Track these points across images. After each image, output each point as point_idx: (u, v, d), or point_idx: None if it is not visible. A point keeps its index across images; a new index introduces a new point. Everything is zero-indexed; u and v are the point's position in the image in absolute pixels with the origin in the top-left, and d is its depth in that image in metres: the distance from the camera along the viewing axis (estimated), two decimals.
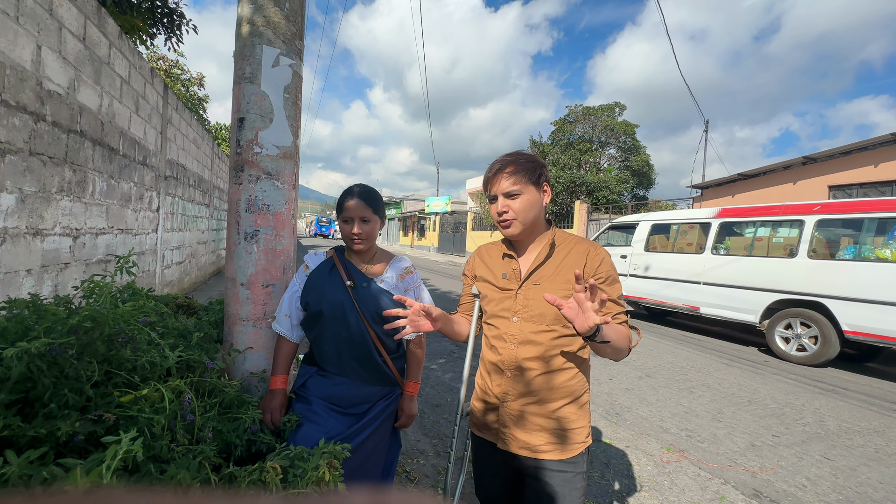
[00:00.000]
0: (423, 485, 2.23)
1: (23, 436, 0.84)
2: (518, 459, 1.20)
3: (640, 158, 16.39)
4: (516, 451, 1.20)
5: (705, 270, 6.22)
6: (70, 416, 0.91)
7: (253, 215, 1.52)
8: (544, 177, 1.20)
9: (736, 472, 2.45)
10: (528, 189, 1.17)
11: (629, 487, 2.26)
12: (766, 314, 5.51)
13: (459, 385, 3.65)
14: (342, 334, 1.38)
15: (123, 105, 3.80)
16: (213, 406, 1.24)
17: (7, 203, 2.28)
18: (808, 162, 9.76)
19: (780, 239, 5.68)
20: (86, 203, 3.15)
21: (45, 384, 0.89)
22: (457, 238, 25.61)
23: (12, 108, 2.27)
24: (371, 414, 1.42)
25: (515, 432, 1.20)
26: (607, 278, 1.16)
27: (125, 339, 1.09)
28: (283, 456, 1.11)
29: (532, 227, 1.21)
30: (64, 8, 2.73)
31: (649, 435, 2.89)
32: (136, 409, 0.98)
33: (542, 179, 1.19)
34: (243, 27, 1.53)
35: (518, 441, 1.19)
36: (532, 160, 1.20)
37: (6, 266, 2.31)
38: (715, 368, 4.65)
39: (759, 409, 3.48)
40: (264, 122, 1.52)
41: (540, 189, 1.19)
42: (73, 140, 2.91)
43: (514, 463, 1.22)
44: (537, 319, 1.17)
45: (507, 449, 1.22)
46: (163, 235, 5.25)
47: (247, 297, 1.53)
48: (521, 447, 1.19)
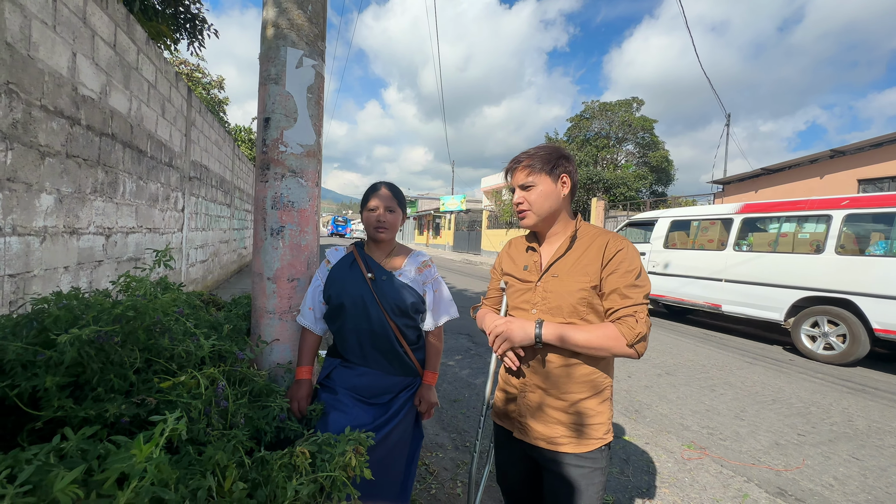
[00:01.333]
0: (443, 478, 2.27)
1: (74, 416, 0.90)
2: (537, 450, 1.21)
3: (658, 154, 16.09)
4: (533, 441, 1.21)
5: (727, 267, 6.09)
6: (115, 399, 0.97)
7: (278, 212, 1.57)
8: (562, 168, 1.19)
9: (759, 471, 2.41)
10: (543, 180, 1.19)
11: (649, 483, 2.25)
12: (791, 312, 5.36)
13: (476, 381, 3.68)
14: (364, 326, 1.42)
15: (151, 108, 3.94)
16: (244, 394, 1.29)
17: (47, 203, 2.40)
18: (836, 155, 9.43)
19: (806, 235, 5.51)
20: (117, 203, 3.29)
21: (94, 369, 0.95)
22: (472, 236, 25.59)
23: (51, 113, 2.39)
24: (395, 405, 1.46)
25: (533, 423, 1.21)
26: (616, 269, 1.11)
27: (162, 329, 1.15)
28: (312, 442, 1.16)
29: (549, 219, 1.22)
30: (96, 16, 2.85)
31: (669, 432, 2.86)
32: (175, 395, 1.03)
33: (558, 171, 1.19)
34: (268, 30, 1.58)
35: (535, 432, 1.20)
36: (550, 152, 1.20)
37: (46, 263, 2.43)
38: (737, 367, 4.56)
39: (784, 407, 3.40)
40: (289, 122, 1.58)
41: (557, 180, 1.19)
42: (105, 143, 3.04)
43: (534, 453, 1.23)
44: (555, 312, 1.17)
45: (524, 439, 1.24)
46: (187, 235, 5.41)
47: (273, 290, 1.58)
48: (538, 438, 1.20)
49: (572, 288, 1.15)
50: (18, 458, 0.67)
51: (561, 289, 1.16)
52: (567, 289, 1.15)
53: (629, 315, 1.07)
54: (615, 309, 1.10)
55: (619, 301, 1.09)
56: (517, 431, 1.26)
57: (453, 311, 1.58)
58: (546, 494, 1.22)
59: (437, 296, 1.54)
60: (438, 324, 1.55)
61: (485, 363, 4.25)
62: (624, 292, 1.09)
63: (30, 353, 0.88)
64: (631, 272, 1.11)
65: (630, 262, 1.12)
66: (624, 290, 1.09)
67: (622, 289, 1.09)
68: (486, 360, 4.38)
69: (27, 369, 0.87)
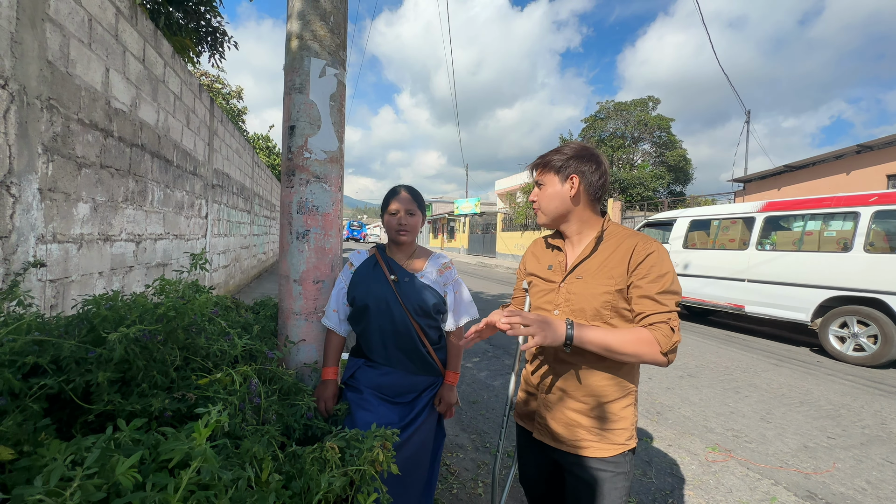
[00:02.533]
0: (464, 478, 2.29)
1: (122, 410, 0.96)
2: (558, 452, 1.21)
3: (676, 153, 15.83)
4: (552, 443, 1.21)
5: (750, 267, 5.96)
6: (158, 395, 1.03)
7: (304, 216, 1.63)
8: (572, 168, 1.17)
9: (787, 473, 2.35)
10: (550, 180, 1.20)
11: (672, 486, 2.23)
12: (818, 312, 5.21)
13: (495, 382, 3.69)
14: (387, 326, 1.46)
15: (176, 119, 4.09)
16: (274, 392, 1.35)
17: (83, 212, 2.52)
18: (862, 150, 9.13)
19: (832, 233, 5.36)
20: (146, 211, 3.42)
21: (139, 366, 1.01)
22: (487, 239, 25.56)
23: (87, 126, 2.51)
24: (420, 404, 1.49)
25: (552, 424, 1.20)
26: (647, 274, 1.08)
27: (198, 329, 1.21)
28: (340, 437, 1.20)
29: (558, 219, 1.22)
30: (127, 33, 2.99)
31: (693, 434, 2.82)
32: (213, 391, 1.09)
33: (567, 171, 1.17)
34: (292, 42, 1.65)
35: (554, 433, 1.20)
36: (565, 153, 1.19)
37: (83, 269, 2.55)
38: (762, 368, 4.45)
39: (813, 410, 3.31)
40: (313, 129, 1.63)
41: (565, 181, 1.18)
42: (135, 153, 3.17)
43: (555, 455, 1.23)
44: (578, 314, 1.16)
45: (544, 440, 1.23)
46: (211, 241, 5.57)
47: (299, 292, 1.64)
48: (558, 440, 1.19)
49: (597, 291, 1.13)
50: (80, 446, 0.72)
51: (585, 291, 1.15)
52: (591, 291, 1.14)
53: (663, 322, 1.04)
54: (647, 314, 1.07)
55: (653, 306, 1.06)
56: (537, 432, 1.26)
57: (473, 312, 1.60)
58: (568, 498, 1.21)
59: (457, 297, 1.57)
60: (459, 324, 1.57)
61: (503, 365, 4.26)
62: (657, 298, 1.06)
63: (82, 350, 0.94)
64: (664, 276, 1.08)
65: (661, 265, 1.09)
66: (657, 295, 1.06)
67: (655, 294, 1.06)
68: (504, 362, 4.38)
69: (80, 365, 0.93)
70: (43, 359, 0.87)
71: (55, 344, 0.92)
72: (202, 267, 1.28)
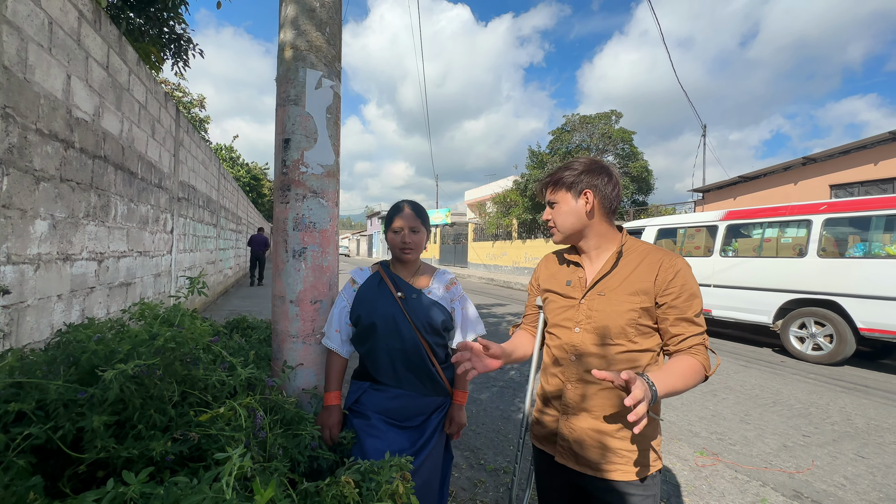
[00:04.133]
0: (461, 498, 2.22)
1: (118, 457, 0.86)
2: (584, 477, 1.16)
3: (638, 164, 16.53)
4: (576, 466, 1.16)
5: (714, 273, 6.25)
6: (156, 436, 0.92)
7: (300, 233, 1.55)
8: (584, 184, 1.15)
9: (773, 474, 2.44)
10: (563, 198, 1.17)
11: (668, 493, 2.25)
12: (779, 314, 5.52)
13: (482, 396, 3.64)
14: (396, 346, 1.40)
15: (141, 129, 3.86)
16: (276, 423, 1.25)
17: (41, 230, 2.30)
18: (808, 162, 9.88)
19: (788, 239, 5.72)
20: (109, 227, 3.18)
21: (135, 405, 0.90)
22: (458, 249, 25.65)
23: (46, 137, 2.32)
24: (430, 428, 1.43)
25: (577, 448, 1.15)
26: (681, 294, 1.07)
27: (193, 360, 1.11)
28: (354, 470, 1.12)
29: (575, 236, 1.20)
30: (90, 38, 2.80)
31: (680, 440, 2.88)
32: (216, 429, 0.99)
33: (580, 187, 1.15)
34: (286, 52, 1.58)
35: (579, 456, 1.15)
36: (575, 169, 1.17)
37: (40, 292, 2.32)
38: (734, 370, 4.65)
39: (785, 409, 3.47)
40: (309, 143, 1.56)
41: (578, 197, 1.15)
42: (97, 165, 2.96)
43: (580, 480, 1.17)
44: (601, 332, 1.12)
45: (568, 464, 1.18)
46: (176, 257, 5.27)
47: (296, 314, 1.55)
48: (584, 465, 1.14)
49: (621, 308, 1.10)
50: None
51: (608, 308, 1.12)
52: (616, 309, 1.11)
53: (700, 344, 1.05)
54: (685, 336, 1.06)
55: (690, 328, 1.06)
56: (560, 455, 1.20)
57: (480, 328, 1.57)
58: None
59: (465, 313, 1.53)
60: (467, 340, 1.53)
61: (488, 378, 4.22)
62: (694, 319, 1.06)
63: (71, 391, 0.83)
64: (696, 296, 1.07)
65: (692, 283, 1.08)
66: (694, 317, 1.06)
67: (693, 316, 1.06)
68: (488, 375, 4.35)
69: (69, 409, 0.82)
70: (27, 404, 0.75)
71: (39, 386, 0.81)
72: (200, 291, 1.18)
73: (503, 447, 2.77)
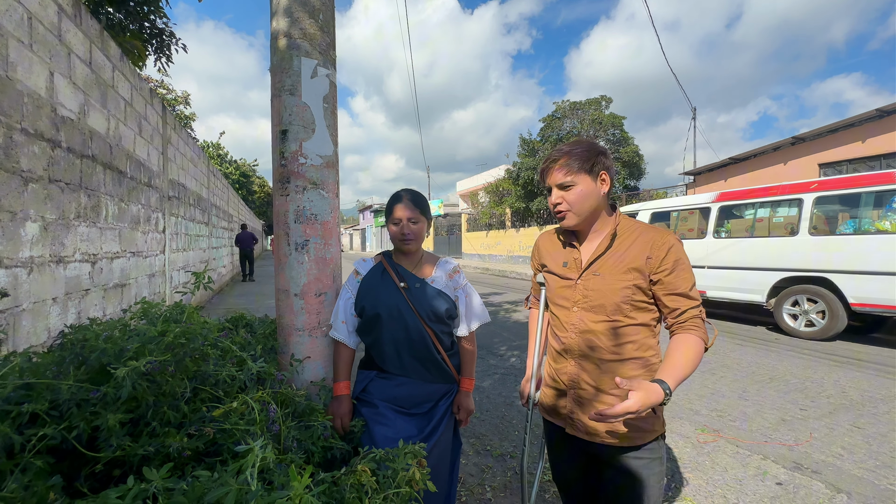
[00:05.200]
0: (470, 484, 2.24)
1: (134, 455, 0.85)
2: (594, 446, 1.21)
3: (629, 149, 16.55)
4: (586, 437, 1.21)
5: (708, 254, 6.32)
6: (170, 432, 0.92)
7: (302, 225, 1.53)
8: (601, 165, 1.16)
9: (773, 447, 2.49)
10: (582, 179, 1.16)
11: (671, 470, 2.29)
12: (772, 293, 5.60)
13: (484, 384, 3.67)
14: (401, 335, 1.40)
15: (128, 127, 3.77)
16: (288, 416, 1.25)
17: (32, 232, 2.26)
18: (796, 142, 9.96)
19: (780, 218, 5.78)
20: (101, 228, 3.13)
21: (148, 403, 0.89)
22: (452, 240, 25.65)
23: (31, 136, 2.26)
24: (437, 414, 1.44)
25: (585, 419, 1.20)
26: (674, 269, 1.10)
27: (202, 355, 1.10)
28: (370, 459, 1.12)
29: (590, 217, 1.20)
30: (71, 33, 2.72)
31: (681, 418, 2.93)
32: (231, 423, 0.98)
33: (597, 168, 1.16)
34: (280, 41, 1.54)
35: (589, 427, 1.19)
36: (588, 149, 1.17)
37: (35, 295, 2.28)
38: (730, 349, 4.72)
39: (782, 385, 3.54)
40: (307, 133, 1.54)
41: (596, 178, 1.16)
42: (86, 165, 2.89)
43: (591, 449, 1.23)
44: (597, 310, 1.17)
45: (578, 435, 1.23)
46: (170, 256, 5.20)
47: (301, 307, 1.53)
48: (592, 433, 1.19)
49: (616, 286, 1.14)
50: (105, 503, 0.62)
51: (604, 287, 1.16)
52: (611, 287, 1.15)
53: (696, 317, 1.08)
54: (682, 310, 1.10)
55: (686, 302, 1.09)
56: (570, 427, 1.25)
57: (485, 316, 1.57)
58: (608, 489, 1.21)
59: (468, 301, 1.53)
60: (472, 329, 1.53)
61: (488, 366, 4.25)
62: (689, 293, 1.09)
63: (83, 391, 0.82)
64: (688, 269, 1.11)
65: (684, 259, 1.11)
66: (689, 290, 1.09)
67: (686, 290, 1.09)
68: (488, 362, 4.38)
69: (82, 409, 0.81)
70: (40, 405, 0.74)
71: (50, 387, 0.79)
72: (206, 286, 1.16)
73: (508, 433, 2.80)
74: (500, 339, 5.30)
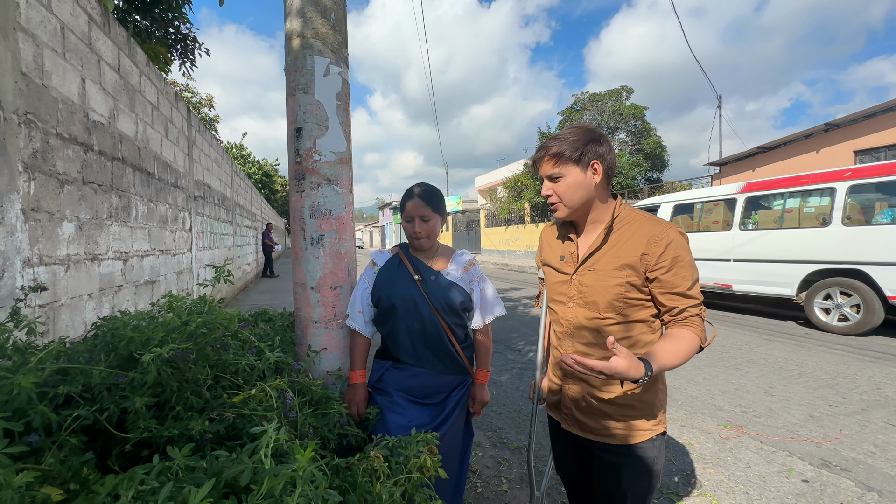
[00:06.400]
0: (487, 476, 2.27)
1: (160, 436, 0.90)
2: (586, 440, 1.20)
3: (651, 141, 16.16)
4: (579, 432, 1.21)
5: (734, 247, 6.13)
6: (193, 416, 0.97)
7: (317, 221, 1.57)
8: (592, 154, 1.08)
9: (799, 444, 2.42)
10: (570, 170, 1.10)
11: (692, 465, 2.26)
12: (802, 286, 5.40)
13: (501, 378, 3.68)
14: (415, 326, 1.43)
15: (155, 130, 3.93)
16: (305, 404, 1.29)
17: (69, 231, 2.39)
18: (830, 128, 9.51)
19: (811, 209, 5.55)
20: (131, 227, 3.27)
21: (172, 388, 0.95)
22: (471, 236, 25.62)
23: (66, 141, 2.38)
24: (449, 405, 1.46)
25: (577, 415, 1.20)
26: (672, 266, 1.03)
27: (223, 345, 1.15)
28: (383, 446, 1.16)
29: (582, 209, 1.15)
30: (101, 41, 2.85)
31: (703, 413, 2.87)
32: (249, 409, 1.03)
33: (587, 157, 1.08)
34: (293, 41, 1.58)
35: (581, 424, 1.20)
36: (578, 137, 1.09)
37: (72, 291, 2.42)
38: (757, 344, 4.58)
39: (811, 380, 3.42)
40: (321, 130, 1.58)
41: (586, 168, 1.09)
42: (116, 167, 3.03)
43: (584, 443, 1.22)
44: (591, 307, 1.13)
45: (570, 429, 1.23)
46: (196, 254, 5.39)
47: (317, 300, 1.58)
48: (585, 430, 1.19)
49: (609, 283, 1.09)
50: (133, 479, 0.66)
51: (597, 283, 1.12)
52: (604, 283, 1.10)
53: (695, 315, 1.04)
54: (680, 309, 1.04)
55: (684, 301, 1.04)
56: (565, 423, 1.26)
57: (500, 309, 1.58)
58: (598, 486, 1.20)
59: (483, 294, 1.55)
60: (486, 321, 1.55)
61: (506, 360, 4.26)
62: (688, 293, 1.04)
63: (113, 376, 0.88)
64: (688, 266, 1.04)
65: (685, 254, 1.05)
66: (688, 290, 1.04)
67: (685, 290, 1.03)
68: (506, 357, 4.38)
69: (112, 392, 0.87)
70: (74, 388, 0.80)
71: (84, 371, 0.85)
72: (227, 280, 1.22)
73: (525, 426, 2.80)
74: (518, 334, 5.29)
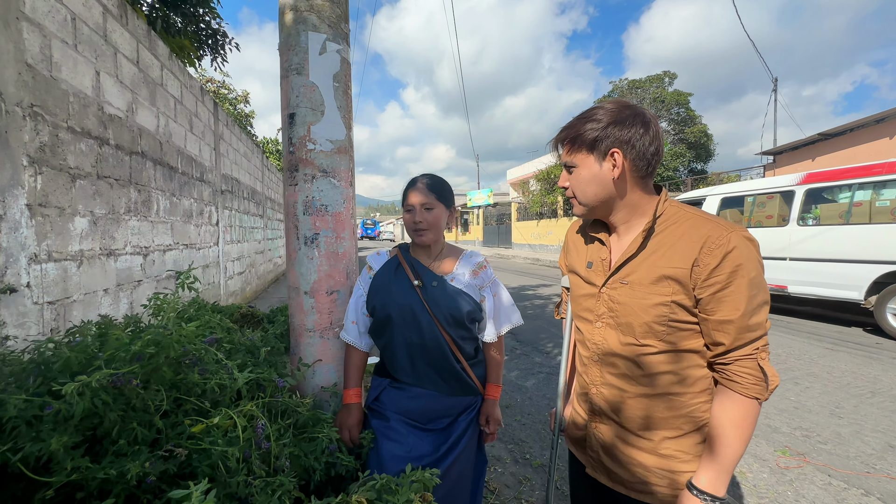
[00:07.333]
0: (506, 496, 2.06)
1: (92, 478, 0.76)
2: (616, 493, 0.98)
3: (696, 129, 15.14)
4: (608, 483, 0.98)
5: (791, 244, 5.55)
6: (141, 451, 0.82)
7: (311, 217, 1.40)
8: (611, 140, 0.86)
9: (878, 481, 2.06)
10: (584, 161, 0.90)
11: (743, 500, 1.96)
12: (872, 289, 4.80)
13: (527, 383, 3.45)
14: (414, 340, 1.24)
15: (178, 124, 3.92)
16: (287, 428, 1.13)
17: (81, 226, 2.35)
18: None
19: (885, 202, 4.91)
20: (152, 221, 3.26)
21: (112, 419, 0.80)
22: (502, 230, 25.21)
23: (78, 134, 2.34)
24: (457, 431, 1.26)
25: (607, 461, 0.98)
26: (728, 284, 0.77)
27: (192, 362, 1.00)
28: (369, 487, 0.98)
29: (601, 207, 0.92)
30: (117, 34, 2.80)
31: (756, 436, 2.53)
32: (209, 441, 0.87)
33: (604, 146, 0.86)
34: (286, 15, 1.41)
35: (612, 474, 0.97)
36: (598, 120, 0.87)
37: (85, 287, 2.39)
38: (818, 355, 4.09)
39: (887, 401, 2.97)
40: (315, 116, 1.40)
41: (602, 159, 0.87)
42: (135, 161, 3.01)
43: (614, 494, 0.99)
44: (625, 330, 0.89)
45: (597, 477, 1.01)
46: (224, 248, 5.45)
47: (311, 306, 1.42)
48: (616, 482, 0.96)
49: (647, 301, 0.85)
50: None
51: (633, 301, 0.88)
52: (641, 302, 0.86)
53: (749, 357, 0.77)
54: (730, 349, 0.78)
55: (738, 337, 0.77)
56: (590, 468, 1.02)
57: (516, 318, 1.36)
58: None
59: (496, 301, 1.33)
60: (500, 333, 1.34)
61: (533, 363, 4.01)
62: (747, 323, 0.77)
63: (35, 406, 0.73)
64: (754, 288, 0.77)
65: (749, 269, 0.77)
66: (749, 320, 0.77)
67: (744, 318, 0.77)
68: (534, 360, 4.13)
69: (32, 427, 0.73)
70: None
71: None
72: (190, 287, 1.07)
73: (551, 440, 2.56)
74: (546, 335, 5.02)
